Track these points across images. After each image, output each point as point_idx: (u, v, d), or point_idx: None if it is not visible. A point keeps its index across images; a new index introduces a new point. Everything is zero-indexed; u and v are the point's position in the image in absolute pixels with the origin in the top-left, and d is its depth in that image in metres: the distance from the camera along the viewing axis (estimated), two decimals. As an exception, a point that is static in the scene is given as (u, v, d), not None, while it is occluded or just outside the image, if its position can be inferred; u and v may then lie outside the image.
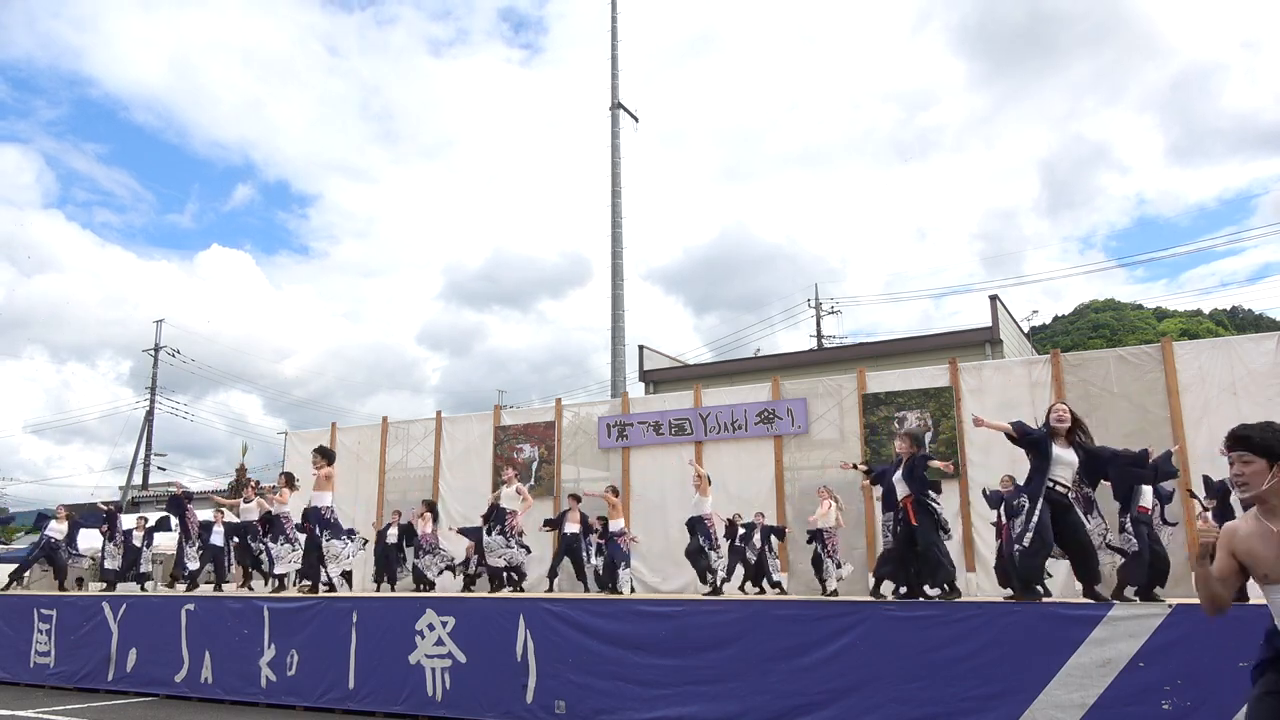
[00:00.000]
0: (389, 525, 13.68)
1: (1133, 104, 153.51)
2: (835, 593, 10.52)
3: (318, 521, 9.35)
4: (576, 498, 12.75)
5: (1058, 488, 6.13)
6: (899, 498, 7.59)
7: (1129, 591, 7.36)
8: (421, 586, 12.74)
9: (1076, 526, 6.16)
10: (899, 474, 7.40)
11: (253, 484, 13.10)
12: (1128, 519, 7.81)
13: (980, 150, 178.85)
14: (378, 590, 13.17)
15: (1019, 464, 9.80)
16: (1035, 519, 5.99)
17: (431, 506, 13.20)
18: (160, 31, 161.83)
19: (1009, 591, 9.49)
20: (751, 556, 11.57)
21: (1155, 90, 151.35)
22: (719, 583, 10.46)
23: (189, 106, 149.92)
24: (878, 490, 8.72)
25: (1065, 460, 6.18)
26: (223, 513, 13.16)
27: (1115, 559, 7.75)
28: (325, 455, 9.70)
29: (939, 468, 7.96)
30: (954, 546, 11.45)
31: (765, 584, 11.67)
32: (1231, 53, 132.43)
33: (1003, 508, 9.77)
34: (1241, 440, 2.78)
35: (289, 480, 11.10)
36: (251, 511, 12.02)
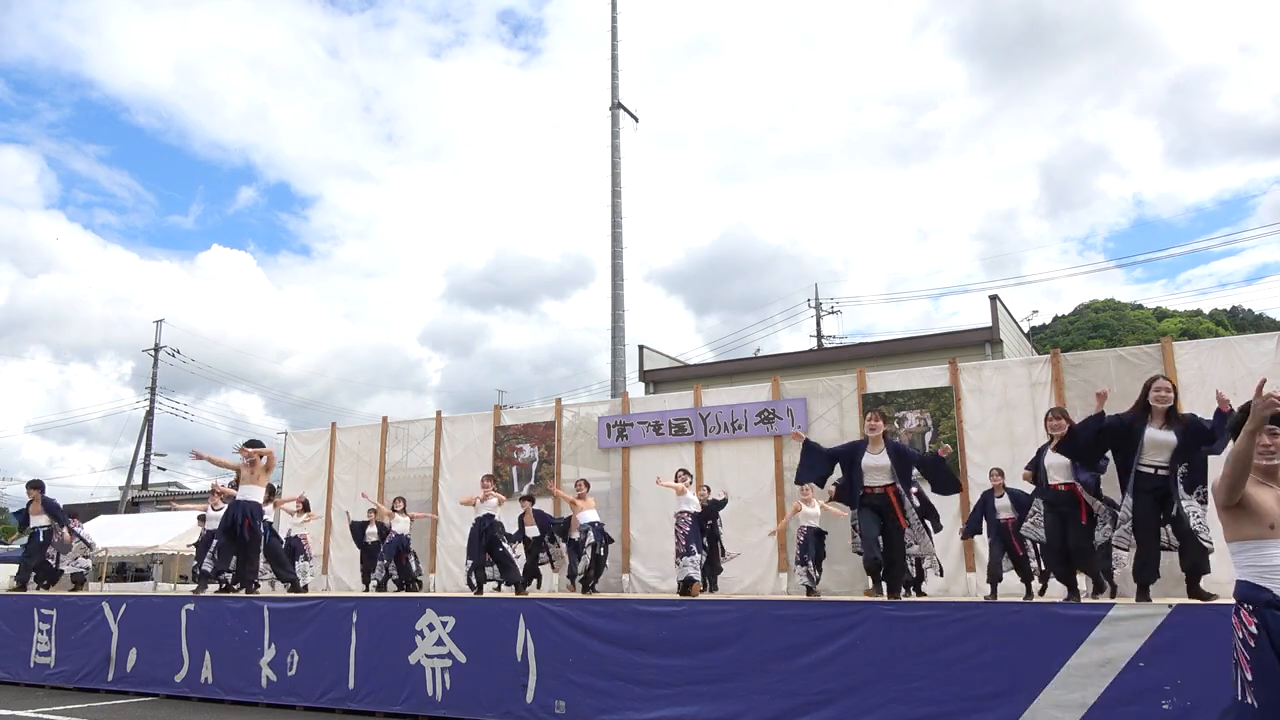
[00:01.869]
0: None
1: (1131, 107, 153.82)
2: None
3: (255, 514, 9.44)
4: (529, 499, 12.47)
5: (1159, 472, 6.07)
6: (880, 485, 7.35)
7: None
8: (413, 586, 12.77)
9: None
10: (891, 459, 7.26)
11: (216, 485, 12.80)
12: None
13: (980, 153, 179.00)
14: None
15: (1019, 464, 9.80)
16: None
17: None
18: (161, 34, 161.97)
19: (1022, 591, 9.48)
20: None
21: (1154, 93, 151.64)
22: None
23: (190, 109, 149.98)
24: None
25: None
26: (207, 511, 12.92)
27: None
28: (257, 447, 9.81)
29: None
30: (954, 546, 11.47)
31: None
32: (1229, 56, 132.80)
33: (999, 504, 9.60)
34: None
35: (304, 505, 11.99)
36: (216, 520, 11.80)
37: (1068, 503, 6.79)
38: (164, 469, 41.29)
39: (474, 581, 10.13)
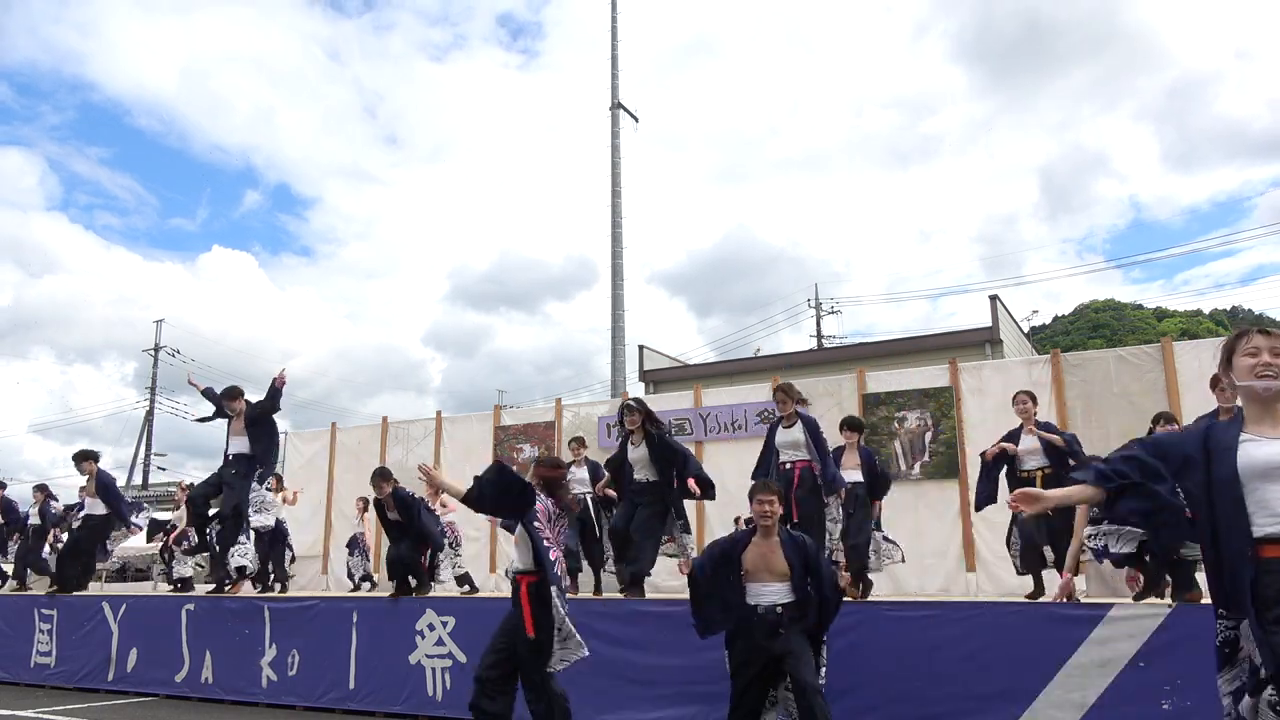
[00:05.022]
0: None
1: (1129, 112, 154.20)
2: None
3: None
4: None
5: None
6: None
7: None
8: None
9: None
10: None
11: (183, 485, 12.71)
12: None
13: (980, 156, 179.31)
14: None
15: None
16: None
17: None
18: (161, 37, 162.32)
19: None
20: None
21: (1151, 98, 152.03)
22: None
23: (191, 112, 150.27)
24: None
25: None
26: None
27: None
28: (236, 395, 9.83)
29: None
30: (954, 547, 11.47)
31: None
32: (1226, 62, 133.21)
33: None
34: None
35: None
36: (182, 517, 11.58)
37: None
38: (164, 469, 41.39)
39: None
